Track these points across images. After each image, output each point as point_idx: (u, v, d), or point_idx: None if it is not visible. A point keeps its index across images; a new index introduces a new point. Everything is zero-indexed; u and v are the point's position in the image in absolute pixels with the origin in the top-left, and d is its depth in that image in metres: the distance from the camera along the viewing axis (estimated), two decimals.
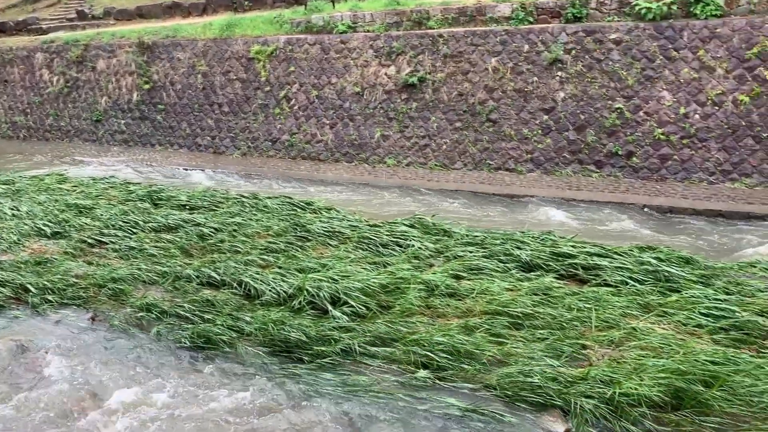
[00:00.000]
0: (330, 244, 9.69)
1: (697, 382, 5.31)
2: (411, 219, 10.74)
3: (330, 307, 7.18)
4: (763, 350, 6.14)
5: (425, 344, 6.19)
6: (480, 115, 17.33)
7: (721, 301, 7.09)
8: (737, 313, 6.75)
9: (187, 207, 12.25)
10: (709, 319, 6.68)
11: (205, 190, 13.82)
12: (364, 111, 19.00)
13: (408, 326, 6.69)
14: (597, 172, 15.96)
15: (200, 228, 10.45)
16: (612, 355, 5.97)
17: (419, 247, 9.22)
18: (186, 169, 19.65)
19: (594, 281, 7.95)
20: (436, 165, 17.85)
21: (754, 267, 8.48)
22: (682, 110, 15.23)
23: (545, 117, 16.57)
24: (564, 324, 6.55)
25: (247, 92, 21.20)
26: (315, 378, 6.03)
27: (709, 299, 7.09)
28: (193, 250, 9.65)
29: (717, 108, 14.97)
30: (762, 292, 7.47)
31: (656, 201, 14.19)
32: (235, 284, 8.01)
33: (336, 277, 7.78)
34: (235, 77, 21.43)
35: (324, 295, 7.35)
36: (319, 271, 8.10)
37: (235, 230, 10.32)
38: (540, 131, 16.59)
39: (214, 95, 21.84)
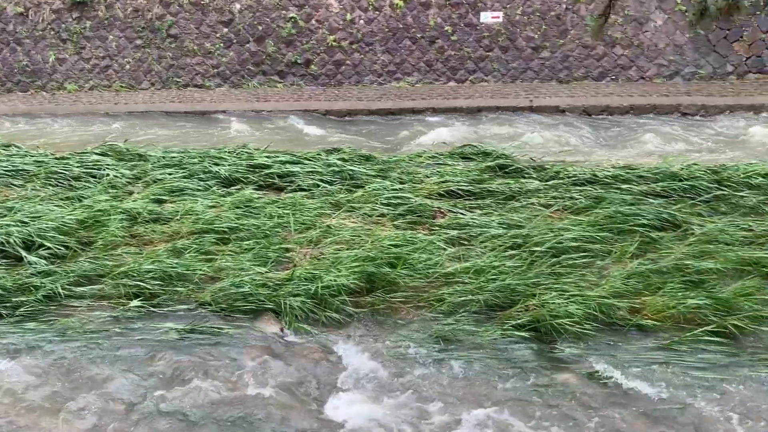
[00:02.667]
0: (14, 185, 8.94)
1: (385, 264, 6.17)
2: (102, 147, 10.31)
3: (24, 253, 6.76)
4: (432, 228, 7.29)
5: (135, 274, 6.21)
6: (160, 31, 16.68)
7: (398, 190, 8.18)
8: (411, 199, 7.86)
9: None
10: (389, 208, 7.69)
11: None
12: (33, 33, 17.09)
13: (114, 259, 6.62)
14: (281, 82, 16.52)
15: None
16: (312, 254, 6.63)
17: (115, 176, 8.97)
18: None
19: (290, 188, 8.59)
20: (121, 86, 16.93)
21: (420, 157, 9.82)
22: (349, 16, 16.30)
23: (225, 30, 16.53)
24: (267, 232, 7.05)
25: None
26: (19, 330, 5.75)
27: (388, 190, 8.14)
28: None
29: (378, 12, 16.28)
30: (428, 177, 8.73)
31: (336, 106, 15.25)
32: None
33: (26, 220, 7.30)
34: None
35: (15, 241, 6.86)
36: (5, 216, 7.51)
37: None
38: (222, 44, 16.55)
39: None
